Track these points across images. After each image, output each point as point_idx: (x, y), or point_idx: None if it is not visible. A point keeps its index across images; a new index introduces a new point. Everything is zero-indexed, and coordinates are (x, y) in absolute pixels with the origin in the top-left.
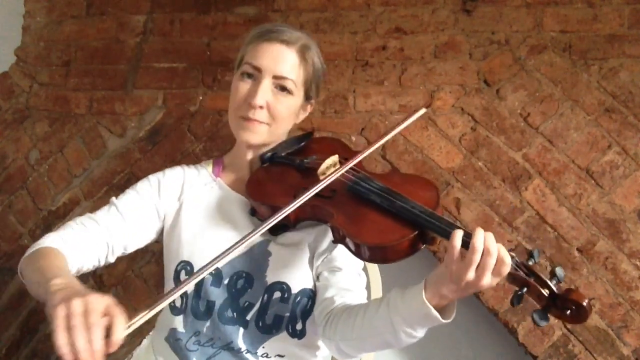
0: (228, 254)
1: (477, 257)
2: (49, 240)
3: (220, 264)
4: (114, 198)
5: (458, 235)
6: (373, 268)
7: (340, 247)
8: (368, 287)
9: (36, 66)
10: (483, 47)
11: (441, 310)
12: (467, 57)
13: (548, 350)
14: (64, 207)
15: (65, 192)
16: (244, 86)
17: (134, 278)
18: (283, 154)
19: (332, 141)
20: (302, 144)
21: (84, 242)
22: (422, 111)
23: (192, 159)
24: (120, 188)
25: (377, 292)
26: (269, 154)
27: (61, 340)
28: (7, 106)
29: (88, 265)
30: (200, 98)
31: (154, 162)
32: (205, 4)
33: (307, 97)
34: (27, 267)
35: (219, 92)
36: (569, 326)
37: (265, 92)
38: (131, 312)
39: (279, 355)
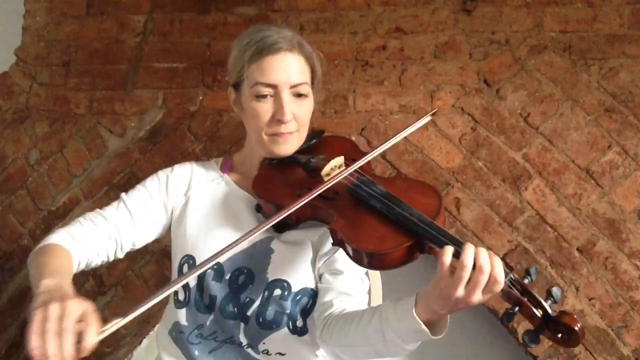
0: (229, 250)
1: (465, 274)
2: (57, 237)
3: (221, 259)
4: (123, 194)
5: (448, 252)
6: (374, 273)
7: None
8: (368, 292)
9: (36, 66)
10: (483, 47)
11: (433, 324)
12: (467, 57)
13: (548, 350)
14: (64, 207)
15: (65, 192)
16: (264, 106)
17: (134, 278)
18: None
19: (343, 141)
20: (313, 141)
21: (92, 239)
22: (428, 118)
23: (192, 159)
24: (120, 188)
25: (377, 296)
26: None
27: (33, 343)
28: (7, 106)
29: (97, 261)
30: (200, 98)
31: (154, 162)
32: (205, 4)
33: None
34: (32, 262)
35: (219, 92)
36: None
37: (290, 105)
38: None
39: (280, 353)
